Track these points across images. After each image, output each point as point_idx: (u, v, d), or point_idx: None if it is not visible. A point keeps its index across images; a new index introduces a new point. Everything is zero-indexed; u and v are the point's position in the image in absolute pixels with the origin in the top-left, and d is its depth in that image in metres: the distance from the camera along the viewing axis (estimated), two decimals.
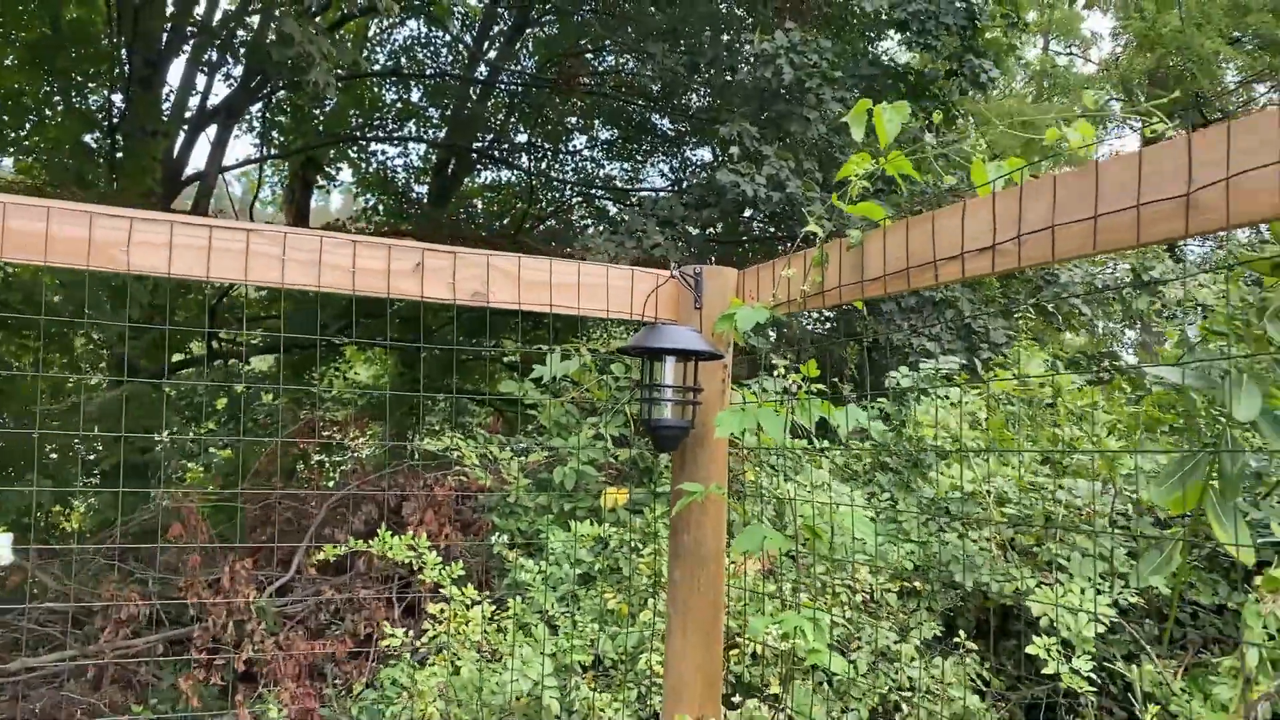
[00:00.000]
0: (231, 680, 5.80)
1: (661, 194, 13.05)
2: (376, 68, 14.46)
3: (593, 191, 15.41)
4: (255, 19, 11.18)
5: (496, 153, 15.56)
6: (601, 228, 13.52)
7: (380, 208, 15.81)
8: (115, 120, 11.48)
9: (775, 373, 2.71)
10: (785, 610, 1.90)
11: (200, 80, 11.82)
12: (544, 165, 15.71)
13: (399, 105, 15.19)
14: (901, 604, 3.20)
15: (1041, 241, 1.31)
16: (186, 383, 11.56)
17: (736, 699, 2.86)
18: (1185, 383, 3.07)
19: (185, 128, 11.70)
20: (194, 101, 12.03)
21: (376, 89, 14.64)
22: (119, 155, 11.34)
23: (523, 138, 15.81)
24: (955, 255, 1.46)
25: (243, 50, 11.44)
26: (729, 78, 7.41)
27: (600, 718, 2.84)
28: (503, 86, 14.60)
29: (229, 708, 5.72)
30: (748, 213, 7.72)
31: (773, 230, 8.30)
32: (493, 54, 14.39)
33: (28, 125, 11.16)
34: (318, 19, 5.01)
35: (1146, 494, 3.06)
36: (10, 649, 6.40)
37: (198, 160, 12.47)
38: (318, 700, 5.58)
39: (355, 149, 15.04)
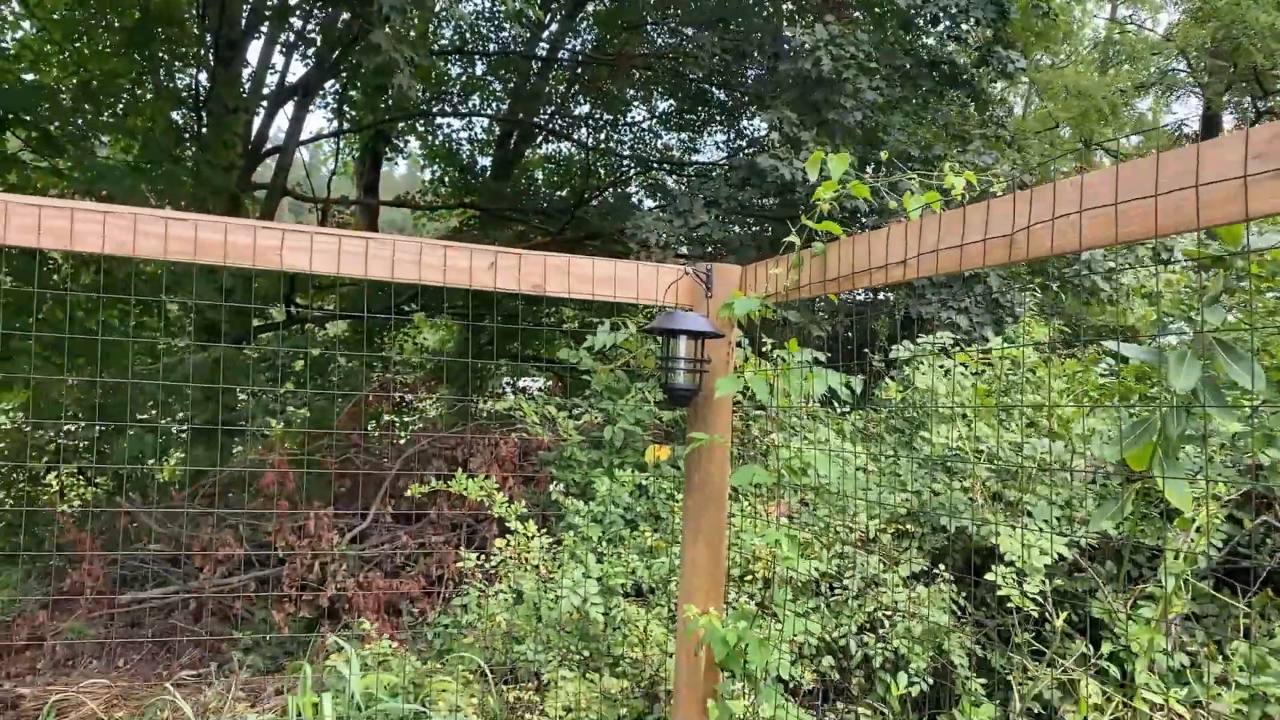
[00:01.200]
0: (318, 616, 6.51)
1: (715, 168, 13.49)
2: (444, 42, 15.04)
3: (650, 162, 15.85)
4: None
5: (557, 126, 16.07)
6: (654, 203, 14.02)
7: (445, 179, 16.47)
8: (201, 98, 12.20)
9: (764, 349, 3.27)
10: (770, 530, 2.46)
11: (278, 60, 12.58)
12: (603, 137, 16.17)
13: (464, 79, 15.75)
14: (895, 543, 3.77)
15: (929, 260, 1.85)
16: (269, 348, 12.38)
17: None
18: (1144, 359, 3.59)
19: (264, 104, 12.45)
20: (272, 79, 12.79)
21: (443, 64, 15.21)
22: (204, 131, 12.07)
23: (583, 110, 16.30)
24: (883, 265, 2.01)
25: (314, 34, 12.15)
26: (773, 65, 7.86)
27: (635, 627, 3.46)
28: (563, 62, 15.10)
29: (317, 637, 6.45)
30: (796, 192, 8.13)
31: None
32: (554, 26, 14.88)
33: (122, 106, 11.93)
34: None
35: (1098, 450, 3.57)
36: (121, 585, 7.18)
37: (276, 134, 13.26)
38: (394, 629, 6.28)
39: (422, 122, 15.66)
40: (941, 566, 3.54)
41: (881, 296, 7.16)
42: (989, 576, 3.18)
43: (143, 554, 7.57)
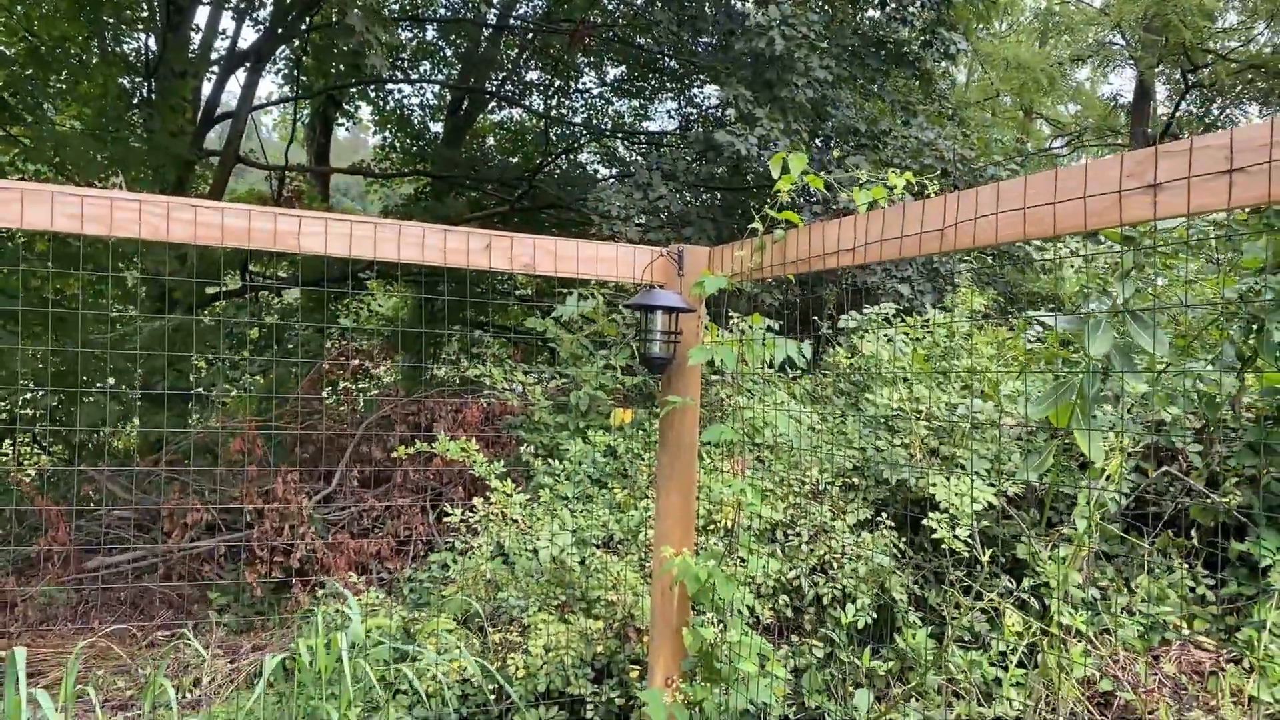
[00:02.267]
0: (288, 576, 6.73)
1: (668, 137, 13.72)
2: (394, 7, 14.98)
3: (603, 130, 16.01)
4: None
5: (508, 92, 16.12)
6: (608, 171, 14.23)
7: (397, 146, 16.47)
8: (151, 63, 12.10)
9: (733, 321, 3.62)
10: (735, 482, 2.81)
11: (229, 24, 12.51)
12: (554, 103, 16.27)
13: (415, 44, 15.72)
14: (843, 494, 4.16)
15: (875, 248, 2.19)
16: (225, 318, 12.44)
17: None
18: (1065, 327, 3.98)
19: (215, 69, 12.40)
20: (222, 44, 12.72)
21: (394, 28, 15.13)
22: (153, 97, 11.99)
23: (534, 75, 16.37)
24: (835, 251, 2.34)
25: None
26: (726, 41, 8.14)
27: (609, 572, 3.81)
28: (514, 28, 15.14)
29: (287, 598, 6.68)
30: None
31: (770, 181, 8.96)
32: None
33: (70, 72, 11.79)
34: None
35: (1024, 409, 3.97)
36: (89, 550, 7.31)
37: (228, 100, 13.21)
38: (368, 586, 6.55)
39: (374, 88, 15.64)
40: (884, 515, 3.94)
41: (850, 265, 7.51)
42: (925, 522, 3.58)
43: (109, 518, 7.69)
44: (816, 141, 7.85)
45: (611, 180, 11.27)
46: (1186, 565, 3.84)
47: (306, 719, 3.31)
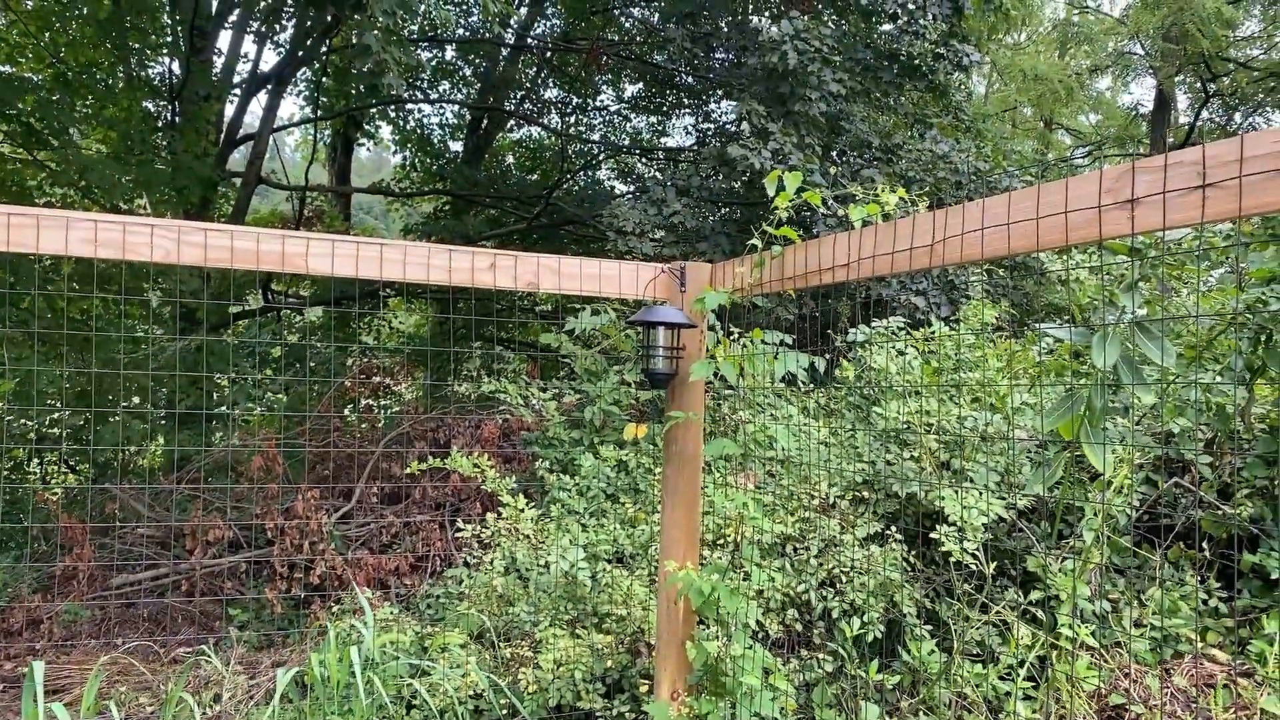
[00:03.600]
0: (309, 593, 6.79)
1: (685, 153, 13.79)
2: (412, 28, 15.16)
3: (620, 146, 16.10)
4: None
5: (527, 110, 16.26)
6: (626, 187, 14.30)
7: (417, 165, 16.64)
8: (175, 87, 12.31)
9: (733, 336, 3.65)
10: (739, 498, 2.83)
11: (251, 48, 12.76)
12: (572, 120, 16.39)
13: (434, 64, 15.90)
14: (852, 508, 4.17)
15: (868, 264, 2.22)
16: (246, 337, 12.59)
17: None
18: (1071, 340, 3.98)
19: (237, 92, 12.61)
20: (244, 67, 12.94)
21: (413, 49, 15.30)
22: (177, 120, 12.20)
23: (552, 94, 16.52)
24: (830, 267, 2.37)
25: (287, 18, 12.33)
26: (740, 58, 8.21)
27: (619, 587, 3.83)
28: (532, 48, 15.30)
29: (306, 614, 6.73)
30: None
31: None
32: (523, 11, 15.06)
33: (96, 97, 12.02)
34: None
35: (1034, 422, 3.97)
36: (112, 568, 7.39)
37: (250, 121, 13.42)
38: (386, 603, 6.60)
39: (394, 108, 15.82)
40: (894, 528, 3.95)
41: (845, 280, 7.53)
42: (934, 536, 3.59)
43: (133, 537, 7.77)
44: (833, 154, 7.88)
45: (627, 196, 11.35)
46: (1199, 578, 3.82)
47: None
